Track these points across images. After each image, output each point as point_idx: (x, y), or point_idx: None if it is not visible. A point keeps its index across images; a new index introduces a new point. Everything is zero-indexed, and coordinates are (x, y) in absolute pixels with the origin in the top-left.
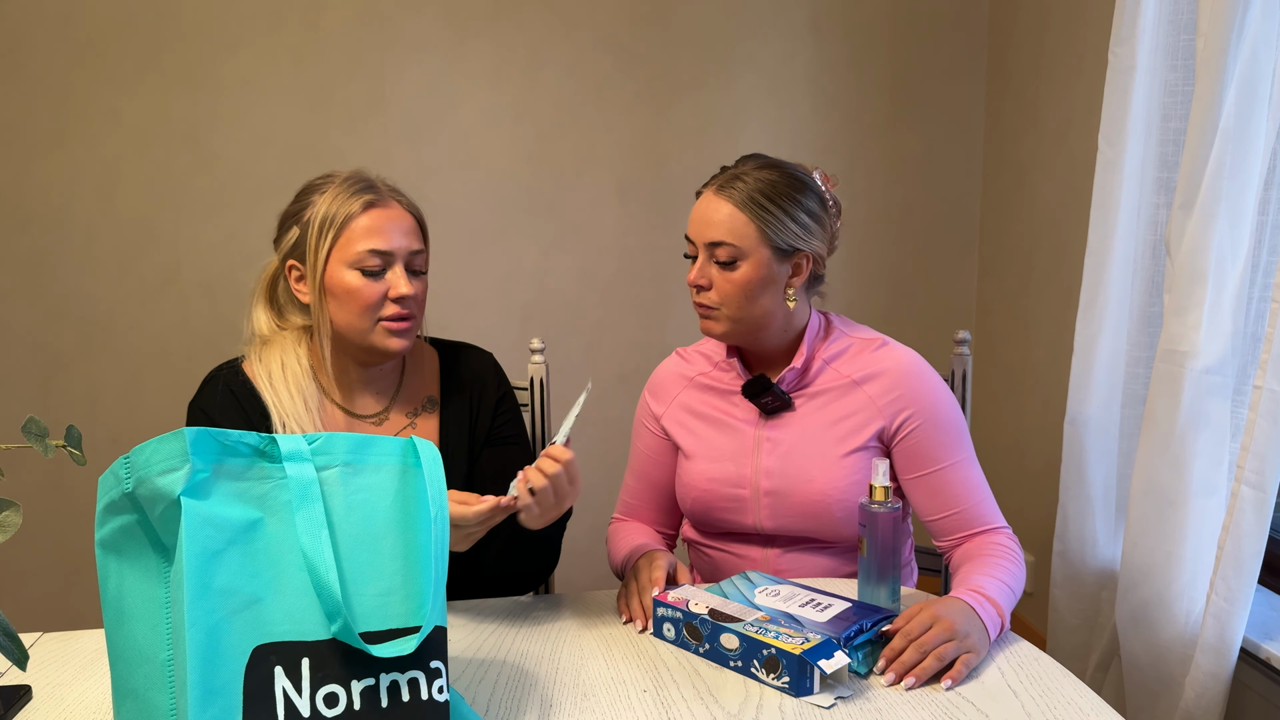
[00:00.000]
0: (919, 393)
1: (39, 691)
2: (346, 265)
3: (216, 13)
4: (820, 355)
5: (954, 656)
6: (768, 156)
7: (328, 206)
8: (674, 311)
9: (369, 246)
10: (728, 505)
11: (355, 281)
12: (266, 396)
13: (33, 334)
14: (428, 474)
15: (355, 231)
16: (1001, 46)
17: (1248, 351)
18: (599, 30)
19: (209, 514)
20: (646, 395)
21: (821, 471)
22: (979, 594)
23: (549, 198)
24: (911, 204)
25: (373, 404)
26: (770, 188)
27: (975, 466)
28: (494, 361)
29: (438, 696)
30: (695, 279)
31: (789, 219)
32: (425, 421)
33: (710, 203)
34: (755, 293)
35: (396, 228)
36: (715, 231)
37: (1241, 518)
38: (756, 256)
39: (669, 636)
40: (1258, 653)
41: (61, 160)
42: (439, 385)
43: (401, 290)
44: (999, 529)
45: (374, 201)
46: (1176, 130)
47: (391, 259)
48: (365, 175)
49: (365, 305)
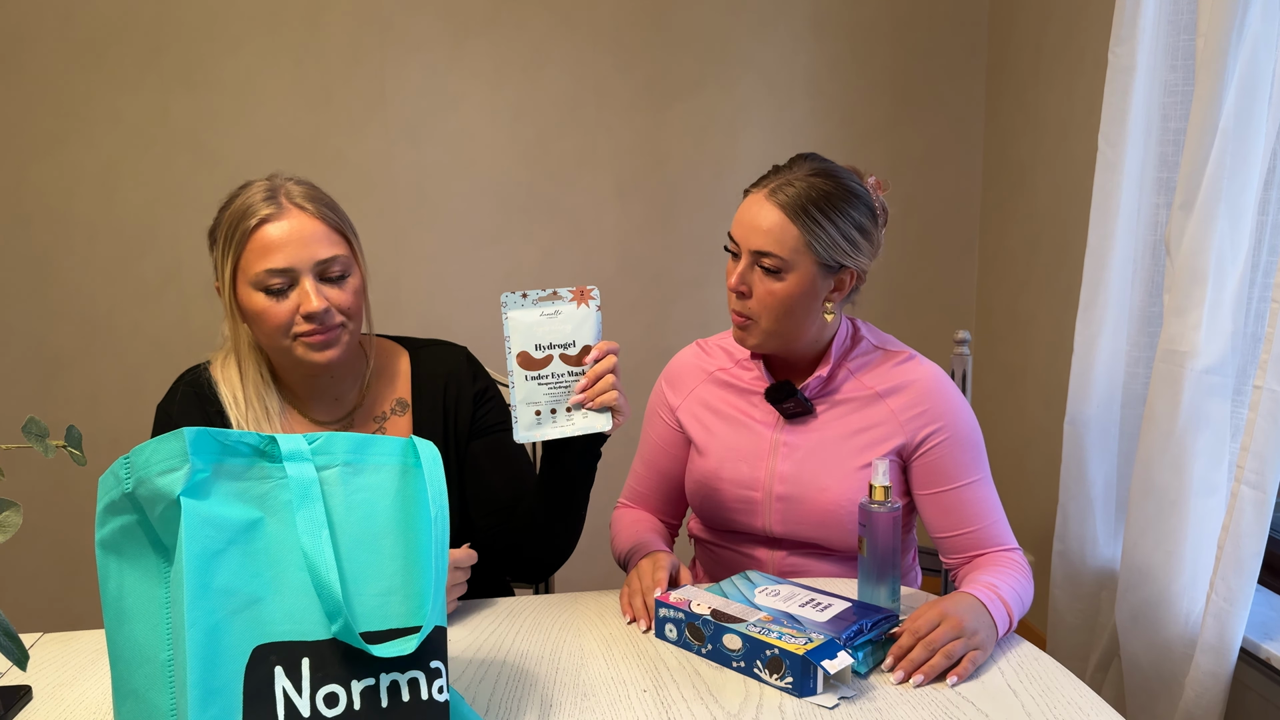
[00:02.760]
0: (942, 410)
1: (39, 691)
2: (250, 286)
3: (216, 13)
4: (845, 364)
5: (962, 654)
6: (822, 159)
7: (227, 225)
8: (674, 311)
9: (266, 266)
10: (739, 506)
11: (262, 303)
12: (229, 408)
13: (33, 334)
14: (428, 474)
15: (253, 250)
16: (1001, 46)
17: (1248, 351)
18: (599, 30)
19: (209, 514)
20: (663, 384)
21: (836, 481)
22: (990, 590)
23: (549, 198)
24: (911, 204)
25: (335, 410)
26: (824, 199)
27: (991, 487)
28: (467, 355)
29: (438, 696)
30: (737, 284)
31: (839, 234)
32: (395, 425)
33: (759, 207)
34: (795, 307)
35: (295, 240)
36: (763, 240)
37: (1241, 518)
38: (802, 270)
39: (671, 637)
40: (1258, 653)
41: (61, 160)
42: (410, 387)
43: (310, 307)
44: (1011, 550)
45: (269, 216)
46: (1176, 130)
47: (295, 275)
48: (273, 182)
49: (275, 326)
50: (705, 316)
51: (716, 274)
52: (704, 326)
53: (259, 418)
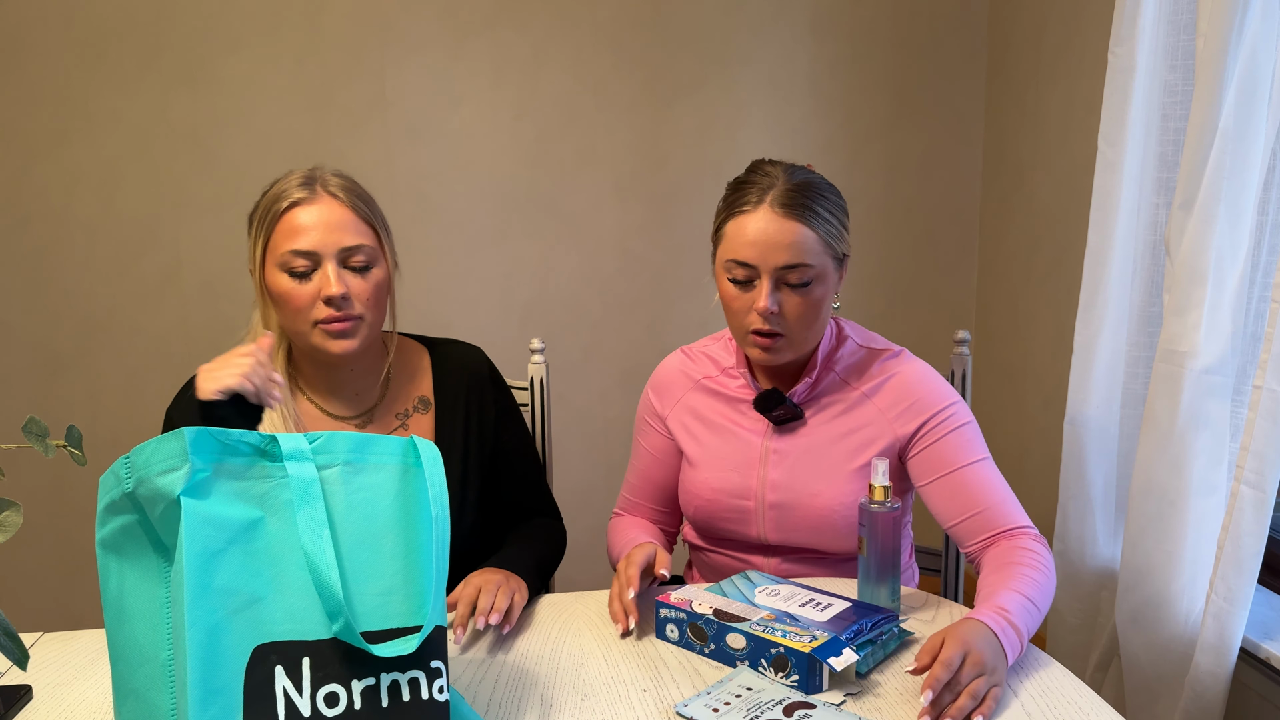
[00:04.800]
0: (930, 400)
1: (39, 691)
2: (276, 267)
3: (216, 13)
4: (832, 366)
5: (985, 691)
6: (780, 161)
7: (261, 208)
8: (674, 311)
9: (291, 247)
10: (732, 516)
11: (285, 284)
12: None
13: (33, 334)
14: (428, 474)
15: (281, 232)
16: (1001, 46)
17: (1248, 351)
18: (599, 30)
19: (209, 513)
20: (650, 393)
21: (828, 485)
22: (1002, 617)
23: (549, 197)
24: (911, 204)
25: (354, 406)
26: (813, 190)
27: (994, 468)
28: (485, 356)
29: (438, 696)
30: (770, 306)
31: (836, 221)
32: (417, 423)
33: (776, 224)
34: (823, 309)
35: (323, 224)
36: (790, 254)
37: (1241, 518)
38: (825, 270)
39: (673, 638)
40: (1257, 653)
41: (61, 160)
42: (431, 385)
43: (329, 290)
44: (1023, 529)
45: (301, 200)
46: (1176, 130)
47: (318, 258)
48: (313, 171)
49: (296, 308)
50: (705, 316)
51: None
52: (704, 326)
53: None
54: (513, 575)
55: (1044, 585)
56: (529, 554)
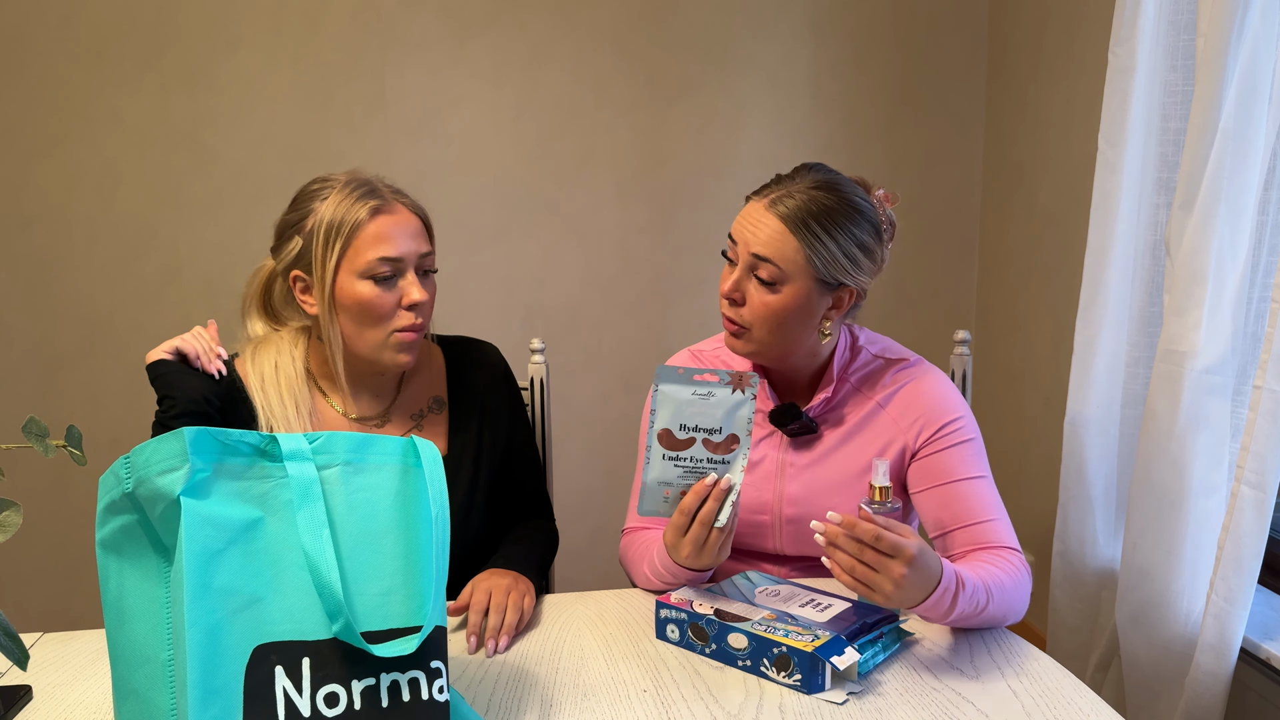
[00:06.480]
0: (938, 412)
1: (39, 691)
2: (357, 275)
3: (216, 13)
4: (847, 379)
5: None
6: (827, 170)
7: (332, 214)
8: (674, 311)
9: (380, 254)
10: (748, 530)
11: (368, 291)
12: (255, 399)
13: (33, 334)
14: (428, 474)
15: (364, 240)
16: (1001, 46)
17: (1248, 351)
18: (599, 30)
19: (209, 513)
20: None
21: (846, 499)
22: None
23: (549, 197)
24: (911, 204)
25: (372, 407)
26: (825, 213)
27: (993, 488)
28: (500, 355)
29: (438, 696)
30: (730, 290)
31: (839, 251)
32: (432, 423)
33: (758, 215)
34: (789, 320)
35: (404, 231)
36: (761, 246)
37: (1241, 518)
38: (799, 284)
39: (673, 638)
40: (1257, 653)
41: (61, 160)
42: (445, 384)
43: (415, 296)
44: (1012, 550)
45: (380, 207)
46: (1176, 130)
47: (403, 265)
48: (365, 178)
49: (379, 315)
50: (705, 317)
51: (716, 274)
52: (704, 326)
53: (289, 414)
54: (521, 577)
55: (1011, 591)
56: (532, 554)
